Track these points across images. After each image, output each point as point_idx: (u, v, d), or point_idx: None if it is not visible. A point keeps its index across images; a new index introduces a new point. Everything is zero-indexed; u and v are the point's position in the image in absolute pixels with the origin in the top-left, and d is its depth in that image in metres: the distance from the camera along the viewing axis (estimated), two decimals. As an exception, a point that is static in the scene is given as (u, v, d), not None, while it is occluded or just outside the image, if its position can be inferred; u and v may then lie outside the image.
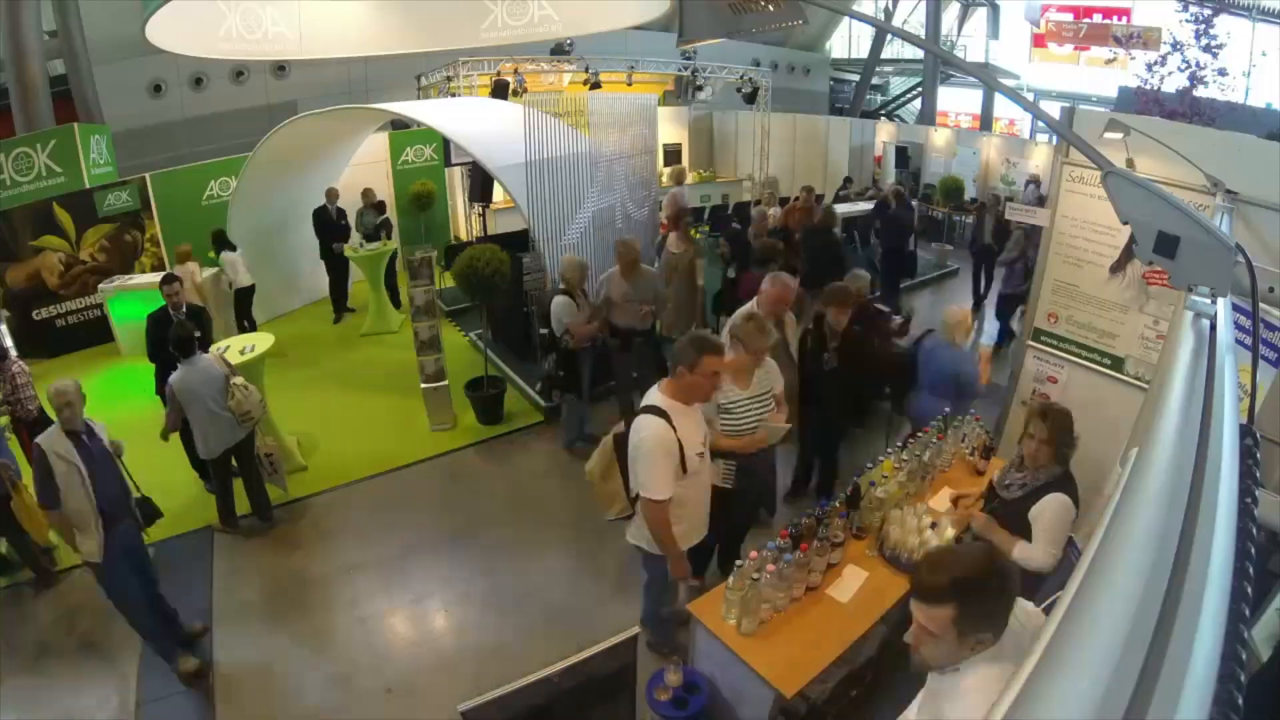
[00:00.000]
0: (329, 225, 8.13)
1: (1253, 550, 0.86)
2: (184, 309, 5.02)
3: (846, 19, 20.91)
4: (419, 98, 11.95)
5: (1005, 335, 7.54)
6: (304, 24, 10.55)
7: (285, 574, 4.37)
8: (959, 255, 10.81)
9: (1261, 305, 1.47)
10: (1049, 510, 2.67)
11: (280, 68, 14.01)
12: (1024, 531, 2.74)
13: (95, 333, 8.09)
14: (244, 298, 7.62)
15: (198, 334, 4.43)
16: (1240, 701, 0.71)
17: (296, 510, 5.01)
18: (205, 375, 4.27)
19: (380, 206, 8.88)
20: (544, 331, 5.31)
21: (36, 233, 7.97)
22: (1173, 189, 1.80)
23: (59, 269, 8.10)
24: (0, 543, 4.38)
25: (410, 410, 6.12)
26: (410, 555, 4.51)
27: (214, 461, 4.47)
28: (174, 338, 4.26)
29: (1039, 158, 12.27)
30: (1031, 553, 2.68)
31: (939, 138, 14.12)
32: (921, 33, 19.12)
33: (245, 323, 7.64)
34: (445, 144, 10.12)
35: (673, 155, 14.45)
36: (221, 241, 7.52)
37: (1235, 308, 1.83)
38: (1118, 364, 4.15)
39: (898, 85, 24.21)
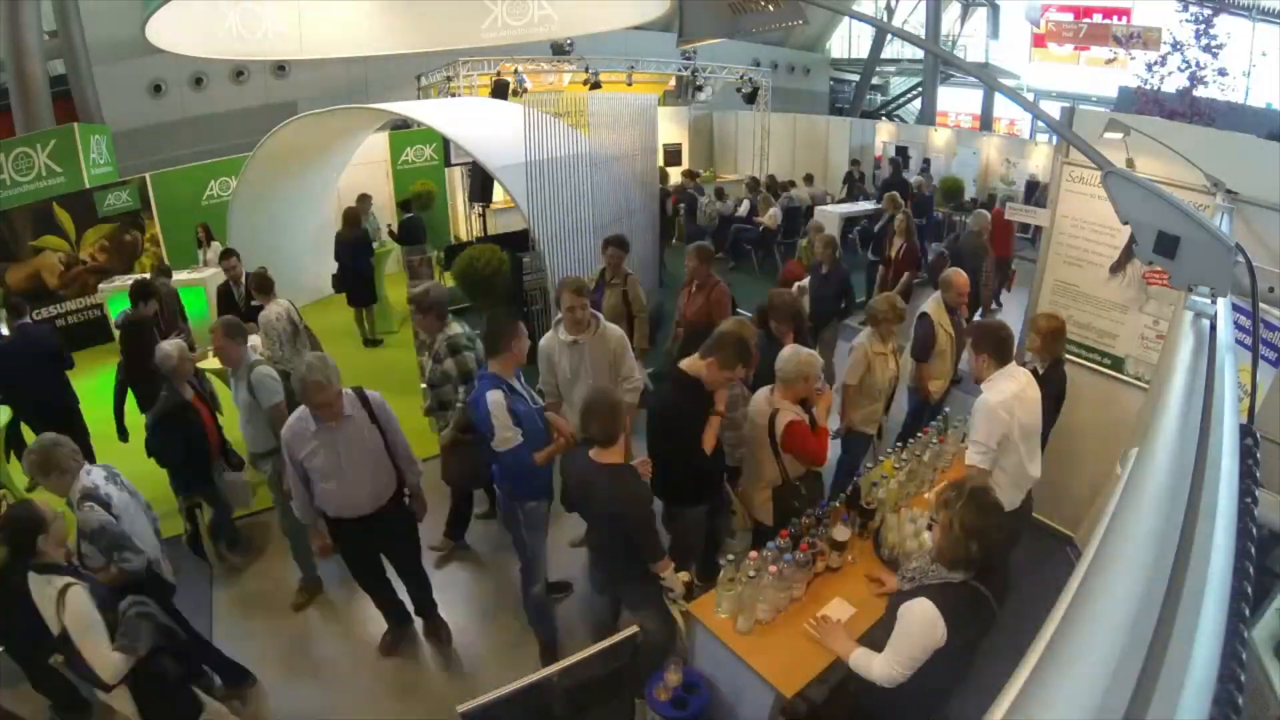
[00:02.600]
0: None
1: (1253, 550, 0.86)
2: (242, 281, 5.71)
3: (846, 19, 20.92)
4: (419, 98, 11.95)
5: None
6: (304, 24, 10.56)
7: (285, 574, 4.36)
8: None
9: (1261, 305, 1.47)
10: (906, 620, 2.10)
11: (280, 68, 14.01)
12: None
13: (95, 333, 8.09)
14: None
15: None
16: (1240, 701, 0.71)
17: (296, 510, 5.01)
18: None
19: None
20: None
21: (36, 233, 7.98)
22: (1173, 189, 1.80)
23: (59, 269, 8.10)
24: None
25: (410, 410, 6.09)
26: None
27: None
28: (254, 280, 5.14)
29: (1039, 158, 12.27)
30: (869, 663, 2.23)
31: (939, 138, 14.13)
32: (921, 33, 19.13)
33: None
34: (445, 144, 10.13)
35: (673, 155, 14.44)
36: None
37: (1235, 308, 1.83)
38: (1118, 364, 4.15)
39: (898, 85, 24.21)
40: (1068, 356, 4.37)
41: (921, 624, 2.06)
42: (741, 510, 3.38)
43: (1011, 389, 3.05)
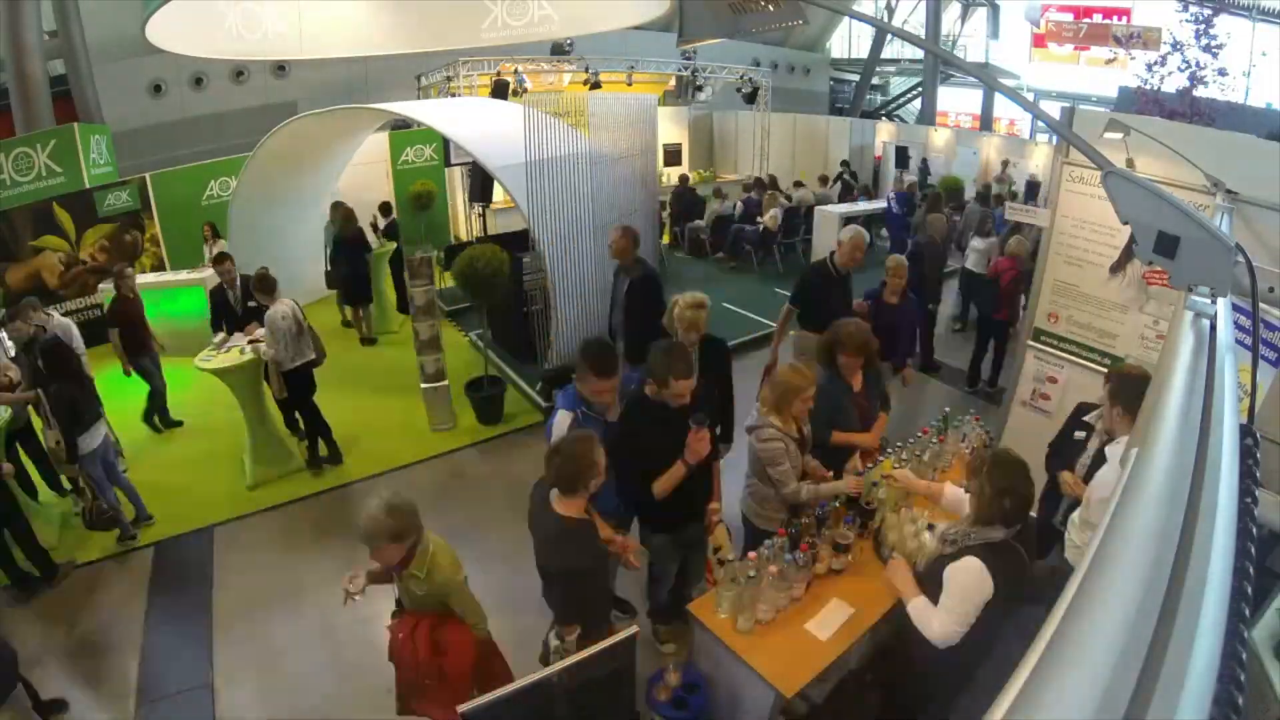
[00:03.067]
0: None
1: (1253, 550, 0.86)
2: (237, 284, 5.79)
3: (846, 19, 20.92)
4: (419, 98, 11.95)
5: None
6: (304, 24, 10.55)
7: (285, 574, 4.36)
8: (954, 257, 10.86)
9: (1261, 305, 1.47)
10: (957, 577, 2.26)
11: (280, 68, 14.01)
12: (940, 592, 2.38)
13: (95, 333, 8.08)
14: None
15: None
16: (1240, 701, 0.71)
17: (296, 510, 5.01)
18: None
19: (386, 208, 8.93)
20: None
21: (36, 233, 7.98)
22: (1173, 189, 1.80)
23: (59, 269, 8.10)
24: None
25: (410, 410, 6.12)
26: (410, 555, 4.50)
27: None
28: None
29: (1039, 158, 12.27)
30: (927, 616, 2.33)
31: (939, 138, 14.12)
32: (922, 33, 19.12)
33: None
34: (445, 144, 10.13)
35: (673, 155, 14.44)
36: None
37: (1235, 308, 1.83)
38: (1118, 364, 4.14)
39: (898, 85, 24.22)
40: (1068, 357, 4.38)
41: (973, 579, 2.22)
42: (727, 548, 3.00)
43: None
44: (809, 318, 4.67)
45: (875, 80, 22.77)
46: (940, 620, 2.28)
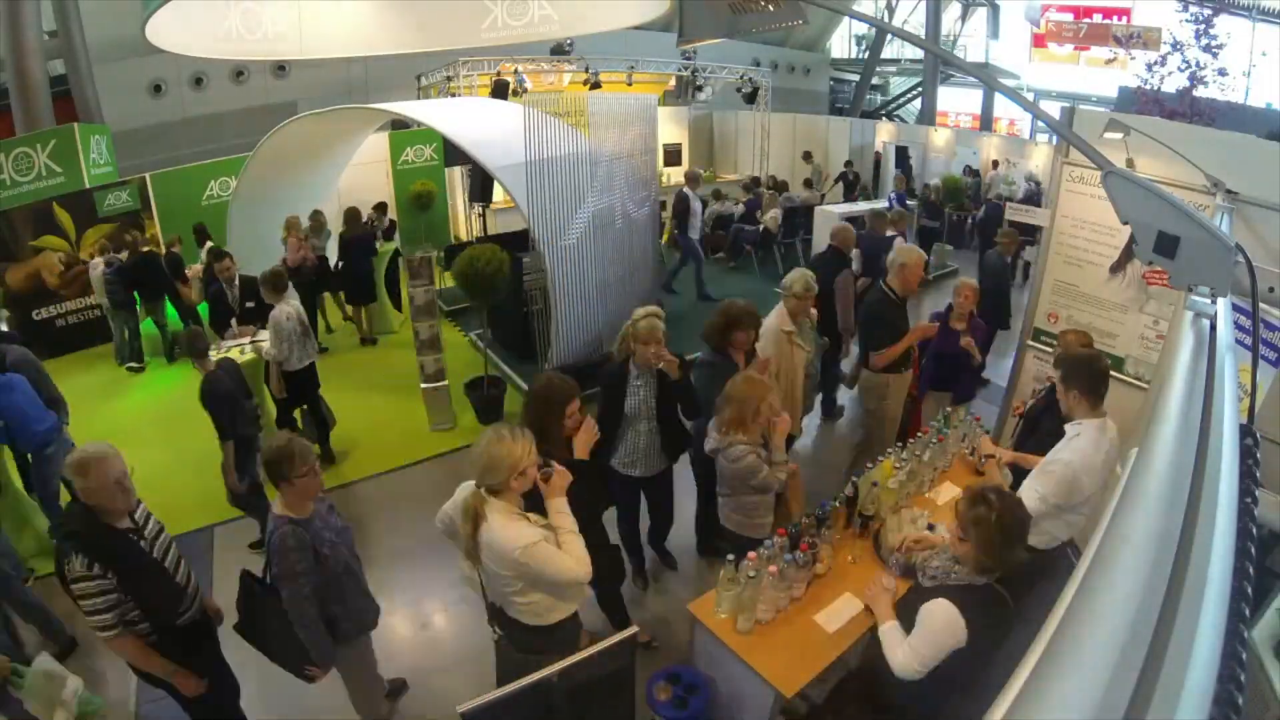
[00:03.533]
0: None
1: (1253, 550, 0.86)
2: (235, 283, 5.85)
3: (847, 19, 20.92)
4: (419, 98, 11.95)
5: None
6: (304, 24, 10.55)
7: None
8: (958, 255, 10.88)
9: (1261, 305, 1.47)
10: (927, 620, 2.15)
11: (280, 68, 14.01)
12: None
13: (95, 333, 8.09)
14: None
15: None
16: (1240, 701, 0.71)
17: (296, 510, 5.01)
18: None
19: (382, 208, 8.93)
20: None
21: (36, 233, 7.98)
22: (1173, 189, 1.80)
23: (59, 269, 8.10)
24: None
25: (410, 410, 6.11)
26: (410, 555, 4.50)
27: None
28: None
29: (1039, 158, 12.27)
30: (894, 643, 2.26)
31: (939, 138, 14.12)
32: (922, 33, 19.13)
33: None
34: (445, 144, 10.13)
35: (673, 155, 14.43)
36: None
37: (1235, 308, 1.83)
38: (1118, 364, 4.14)
39: (898, 85, 24.22)
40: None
41: (944, 625, 2.10)
42: None
43: (1101, 454, 2.70)
44: (879, 351, 4.32)
45: (875, 80, 22.77)
46: (904, 653, 2.20)
